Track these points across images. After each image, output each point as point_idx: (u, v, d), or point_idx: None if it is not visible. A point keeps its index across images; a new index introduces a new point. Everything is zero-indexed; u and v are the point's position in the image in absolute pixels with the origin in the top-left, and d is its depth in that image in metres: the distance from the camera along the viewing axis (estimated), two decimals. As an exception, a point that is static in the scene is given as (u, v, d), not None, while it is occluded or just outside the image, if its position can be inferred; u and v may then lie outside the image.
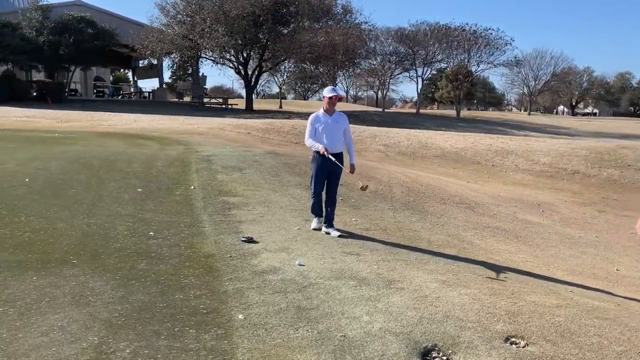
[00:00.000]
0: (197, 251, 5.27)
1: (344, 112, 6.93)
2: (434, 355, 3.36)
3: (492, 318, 3.82)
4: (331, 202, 6.42)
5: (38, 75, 37.83)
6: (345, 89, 74.65)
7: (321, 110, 6.40)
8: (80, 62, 34.56)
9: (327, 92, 6.37)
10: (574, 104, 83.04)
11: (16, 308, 3.76)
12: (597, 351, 3.43)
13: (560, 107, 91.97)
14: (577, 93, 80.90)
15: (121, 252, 5.10)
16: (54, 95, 32.26)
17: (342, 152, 6.44)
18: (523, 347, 3.45)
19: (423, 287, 4.46)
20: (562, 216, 10.51)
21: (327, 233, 6.23)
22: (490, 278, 5.09)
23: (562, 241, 8.39)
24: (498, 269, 5.72)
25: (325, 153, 6.18)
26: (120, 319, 3.66)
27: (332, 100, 6.28)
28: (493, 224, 8.64)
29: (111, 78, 61.93)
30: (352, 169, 6.44)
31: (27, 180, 7.79)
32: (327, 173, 6.35)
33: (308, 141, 6.42)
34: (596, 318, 4.03)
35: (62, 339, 3.35)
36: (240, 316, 3.78)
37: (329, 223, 6.34)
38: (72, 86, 40.95)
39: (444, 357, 3.33)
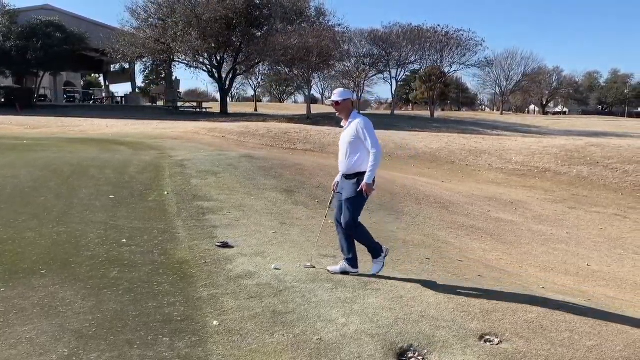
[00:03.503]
0: (171, 258, 5.19)
1: (321, 114, 6.83)
2: (409, 355, 3.37)
3: (466, 317, 3.86)
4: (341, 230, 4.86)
5: (6, 81, 37.00)
6: (321, 91, 74.80)
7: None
8: (49, 67, 33.92)
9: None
10: (544, 103, 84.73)
11: (-18, 321, 3.65)
12: (568, 346, 3.49)
13: (532, 107, 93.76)
14: (547, 92, 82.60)
15: (92, 260, 5.00)
16: (22, 101, 31.62)
17: (356, 174, 4.73)
18: (497, 344, 3.49)
19: (398, 287, 4.48)
20: (535, 214, 10.70)
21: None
22: (464, 277, 5.15)
23: (534, 238, 8.54)
24: (472, 267, 5.79)
25: (334, 189, 4.95)
26: (91, 329, 3.58)
27: (336, 108, 4.81)
28: (467, 223, 8.75)
29: (82, 83, 60.83)
30: (364, 189, 4.66)
31: (-6, 189, 7.57)
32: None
33: None
34: (567, 313, 4.10)
35: (31, 352, 3.26)
36: (215, 322, 3.74)
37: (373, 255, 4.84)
38: (42, 92, 40.17)
39: (420, 357, 3.35)
